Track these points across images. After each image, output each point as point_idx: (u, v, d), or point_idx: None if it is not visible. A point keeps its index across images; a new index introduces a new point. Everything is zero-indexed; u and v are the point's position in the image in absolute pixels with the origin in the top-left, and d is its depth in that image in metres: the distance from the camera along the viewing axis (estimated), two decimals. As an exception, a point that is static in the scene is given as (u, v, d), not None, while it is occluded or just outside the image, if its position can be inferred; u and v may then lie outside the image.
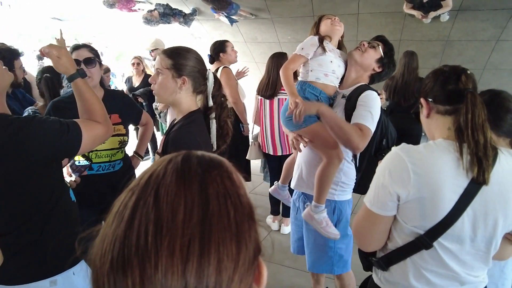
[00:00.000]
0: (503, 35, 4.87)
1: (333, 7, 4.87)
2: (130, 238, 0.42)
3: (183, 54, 1.57)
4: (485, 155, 1.06)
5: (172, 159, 0.51)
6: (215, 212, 0.44)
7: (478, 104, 1.09)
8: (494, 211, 1.10)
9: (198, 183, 0.47)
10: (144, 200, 0.45)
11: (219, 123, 1.68)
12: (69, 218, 1.43)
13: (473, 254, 1.15)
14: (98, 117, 1.42)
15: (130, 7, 5.69)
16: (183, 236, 0.41)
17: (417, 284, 1.19)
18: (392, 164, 1.14)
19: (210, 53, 3.72)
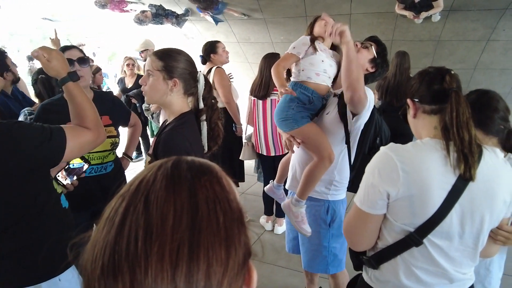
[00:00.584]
0: (493, 35, 4.93)
1: (326, 8, 4.88)
2: (120, 244, 0.42)
3: (174, 56, 1.56)
4: (471, 151, 1.09)
5: (162, 165, 0.51)
6: (204, 217, 0.45)
7: (462, 103, 1.13)
8: (481, 207, 1.13)
9: (188, 188, 0.47)
10: (134, 206, 0.45)
11: (210, 125, 1.68)
12: (58, 225, 1.41)
13: (461, 251, 1.17)
14: (88, 122, 1.38)
15: (122, 8, 5.67)
16: (172, 241, 0.42)
17: (408, 282, 1.20)
18: (381, 163, 1.16)
19: (202, 54, 3.72)
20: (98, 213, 1.77)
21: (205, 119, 1.65)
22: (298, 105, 1.98)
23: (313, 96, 1.99)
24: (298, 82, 2.03)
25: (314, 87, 2.01)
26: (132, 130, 2.59)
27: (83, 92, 1.41)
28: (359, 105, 1.78)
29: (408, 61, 4.48)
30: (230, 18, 6.09)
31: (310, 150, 2.01)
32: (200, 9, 5.40)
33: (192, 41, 7.17)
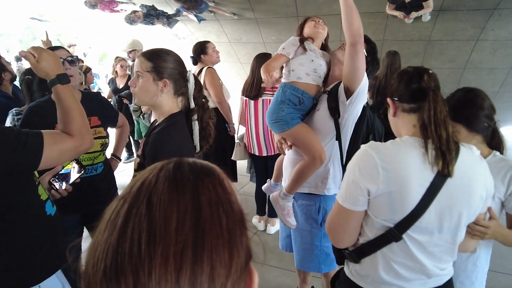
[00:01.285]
0: (482, 35, 4.99)
1: (317, 8, 4.91)
2: (123, 246, 0.42)
3: (163, 57, 1.55)
4: (448, 148, 1.12)
5: (164, 166, 0.51)
6: (207, 219, 0.45)
7: (440, 101, 1.15)
8: (459, 203, 1.16)
9: (191, 190, 0.47)
10: (136, 208, 0.45)
11: (201, 124, 1.67)
12: (38, 233, 1.38)
13: (440, 246, 1.20)
14: (72, 128, 1.32)
15: (112, 8, 5.64)
16: (176, 244, 0.41)
17: (387, 277, 1.23)
18: (361, 160, 1.18)
19: (192, 54, 3.72)
20: (89, 215, 1.78)
21: (196, 118, 1.64)
22: (289, 107, 1.99)
23: (304, 96, 2.00)
24: (288, 83, 2.03)
25: (304, 87, 2.01)
26: (120, 131, 2.56)
27: (71, 96, 1.36)
28: (358, 63, 1.75)
29: (399, 61, 4.53)
30: (222, 18, 6.08)
31: (301, 150, 2.01)
32: (183, 9, 5.41)
33: (184, 41, 7.15)
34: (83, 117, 1.37)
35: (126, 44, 5.00)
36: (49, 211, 1.45)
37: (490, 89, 5.86)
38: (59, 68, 1.35)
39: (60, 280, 1.44)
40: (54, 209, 1.50)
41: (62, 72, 1.34)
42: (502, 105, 6.19)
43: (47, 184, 1.63)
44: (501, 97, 5.98)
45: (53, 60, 1.34)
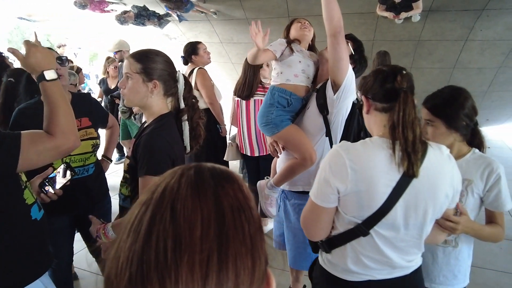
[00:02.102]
0: (471, 35, 5.05)
1: (308, 8, 4.92)
2: (148, 254, 0.42)
3: (152, 58, 1.54)
4: (414, 150, 1.16)
5: (184, 172, 0.50)
6: (231, 226, 0.45)
7: (409, 103, 1.18)
8: (424, 201, 1.21)
9: (213, 196, 0.47)
10: (160, 215, 0.44)
11: (192, 124, 1.67)
12: (22, 238, 1.36)
13: (406, 241, 1.26)
14: (55, 127, 1.28)
15: (102, 8, 5.59)
16: (202, 251, 0.41)
17: (354, 267, 1.29)
18: (332, 160, 1.23)
19: (183, 55, 3.71)
20: (81, 216, 1.76)
21: (186, 119, 1.64)
22: (278, 109, 2.01)
23: (292, 97, 2.02)
24: (275, 86, 2.06)
25: (293, 89, 2.03)
26: (110, 132, 2.55)
27: (58, 94, 1.32)
28: (340, 53, 1.76)
29: (389, 61, 4.57)
30: (213, 18, 6.07)
31: (292, 151, 2.04)
32: (168, 8, 5.41)
33: (175, 42, 7.13)
34: (68, 115, 1.33)
35: (112, 44, 4.94)
36: (34, 215, 1.42)
37: (478, 89, 5.93)
38: (48, 64, 1.31)
39: (44, 284, 1.43)
40: (41, 213, 1.48)
41: (51, 68, 1.30)
42: (490, 104, 6.28)
43: (37, 188, 1.62)
44: (490, 96, 6.06)
45: (42, 55, 1.30)
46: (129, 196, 1.60)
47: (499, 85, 5.79)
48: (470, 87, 5.64)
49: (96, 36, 9.31)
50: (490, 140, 7.03)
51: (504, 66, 5.41)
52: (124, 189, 1.63)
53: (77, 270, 2.93)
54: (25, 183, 1.41)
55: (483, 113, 6.52)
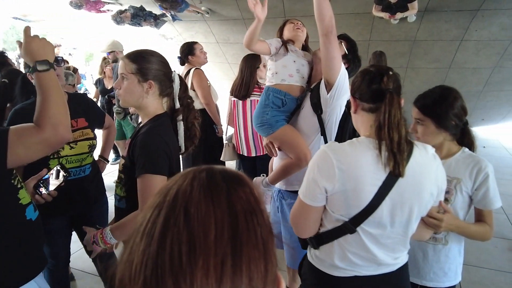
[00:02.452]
0: (466, 35, 5.07)
1: (304, 9, 4.93)
2: (163, 258, 0.42)
3: (147, 58, 1.54)
4: (399, 150, 1.18)
5: (196, 175, 0.51)
6: (244, 230, 0.45)
7: (395, 104, 1.20)
8: (409, 200, 1.24)
9: (226, 200, 0.47)
10: (174, 218, 0.44)
11: (187, 124, 1.67)
12: (16, 238, 1.35)
13: (392, 238, 1.29)
14: (43, 119, 1.23)
15: (98, 8, 5.58)
16: (216, 255, 0.42)
17: (341, 263, 1.32)
18: (320, 160, 1.25)
19: (180, 55, 3.71)
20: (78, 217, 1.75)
21: (181, 119, 1.64)
22: (273, 109, 2.03)
23: (286, 97, 2.03)
24: (270, 87, 2.07)
25: (287, 89, 2.04)
26: (107, 132, 2.54)
27: (51, 85, 1.28)
28: (332, 52, 1.78)
29: (385, 61, 4.60)
30: (209, 18, 6.07)
31: (287, 151, 2.06)
32: (162, 8, 5.40)
33: (171, 42, 7.12)
34: (60, 106, 1.28)
35: (105, 45, 4.91)
36: (29, 215, 1.41)
37: (474, 89, 5.96)
38: (42, 55, 1.28)
39: (39, 284, 1.42)
40: (36, 214, 1.47)
41: (44, 59, 1.27)
42: (486, 104, 6.31)
43: (31, 189, 1.61)
44: (485, 96, 6.09)
45: (37, 46, 1.28)
46: (124, 196, 1.60)
47: (494, 85, 5.83)
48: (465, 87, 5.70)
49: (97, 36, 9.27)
50: (485, 139, 7.08)
51: (499, 66, 5.44)
52: (119, 190, 1.63)
53: (73, 271, 2.92)
54: (20, 183, 1.40)
55: (479, 113, 6.56)
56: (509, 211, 4.12)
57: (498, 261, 3.15)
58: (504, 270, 3.04)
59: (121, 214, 1.63)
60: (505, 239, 3.54)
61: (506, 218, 3.96)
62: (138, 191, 1.45)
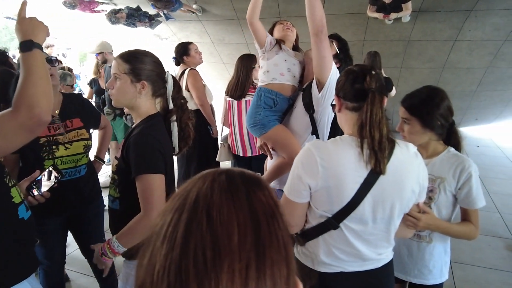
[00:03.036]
0: (460, 35, 5.11)
1: (298, 9, 4.93)
2: (187, 263, 0.41)
3: (140, 58, 1.53)
4: (380, 148, 1.21)
5: (215, 177, 0.50)
6: (266, 234, 0.45)
7: (377, 104, 1.23)
8: (391, 197, 1.27)
9: (247, 203, 0.47)
10: (196, 222, 0.44)
11: (180, 125, 1.66)
12: (8, 237, 1.34)
13: (375, 234, 1.32)
14: (19, 100, 1.15)
15: (92, 8, 5.54)
16: (241, 259, 0.41)
17: (326, 259, 1.34)
18: (304, 158, 1.29)
19: (175, 55, 3.71)
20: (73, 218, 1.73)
21: (175, 119, 1.63)
22: (265, 110, 2.05)
23: (277, 97, 2.05)
24: (262, 87, 2.09)
25: (279, 88, 2.06)
26: (103, 133, 2.52)
27: (33, 64, 1.22)
28: (323, 51, 1.80)
29: (380, 62, 4.61)
30: (204, 18, 6.07)
31: (279, 151, 2.07)
32: (154, 7, 5.37)
33: (166, 42, 7.10)
34: (39, 86, 1.20)
35: (95, 45, 4.85)
36: (22, 214, 1.40)
37: (468, 88, 6.01)
38: (30, 35, 1.24)
39: (32, 285, 1.41)
40: (29, 213, 1.46)
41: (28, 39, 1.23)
42: (479, 104, 6.36)
43: (24, 191, 1.60)
44: (479, 96, 6.14)
45: (26, 26, 1.25)
46: (118, 197, 1.59)
47: (488, 84, 5.87)
48: (459, 87, 5.73)
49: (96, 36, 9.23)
50: (479, 139, 7.13)
51: (492, 66, 5.48)
52: (112, 191, 1.62)
53: (68, 272, 2.90)
54: (12, 181, 1.39)
55: (472, 113, 6.61)
56: (503, 209, 4.16)
57: (492, 260, 3.17)
58: (498, 269, 3.06)
59: (115, 215, 1.62)
60: (499, 237, 3.57)
61: (499, 217, 3.99)
62: (139, 192, 1.44)
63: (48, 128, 1.99)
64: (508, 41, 5.00)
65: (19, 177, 1.69)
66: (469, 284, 2.85)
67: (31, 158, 1.97)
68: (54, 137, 2.00)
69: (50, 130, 1.99)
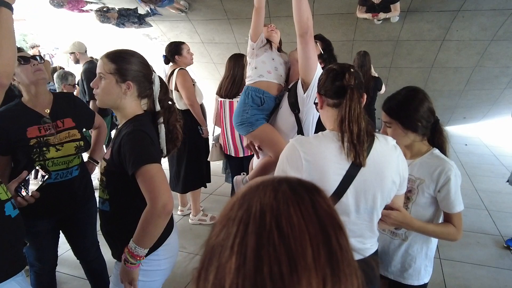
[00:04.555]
0: (448, 35, 5.17)
1: (288, 9, 4.92)
2: (263, 278, 0.40)
3: (127, 58, 1.51)
4: (359, 142, 1.27)
5: (276, 187, 0.49)
6: (336, 246, 0.44)
7: (355, 99, 1.30)
8: (372, 187, 1.32)
9: (314, 214, 0.46)
10: (266, 235, 0.43)
11: (168, 127, 1.64)
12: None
13: (359, 224, 1.37)
14: None
15: (80, 8, 5.48)
16: (317, 274, 0.41)
17: None
18: (288, 153, 1.34)
19: (166, 54, 3.67)
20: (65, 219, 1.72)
21: (162, 121, 1.61)
22: (252, 108, 2.07)
23: (265, 96, 2.07)
24: (249, 86, 2.13)
25: (266, 87, 2.09)
26: (97, 133, 2.47)
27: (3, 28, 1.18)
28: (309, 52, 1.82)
29: (369, 61, 4.66)
30: (194, 18, 6.04)
31: (266, 150, 2.11)
32: (141, 1, 5.29)
33: (155, 42, 7.06)
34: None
35: (68, 45, 4.77)
36: (8, 211, 1.39)
37: (456, 87, 6.08)
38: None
39: (20, 284, 1.39)
40: (16, 212, 1.44)
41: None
42: (467, 103, 6.45)
43: (13, 192, 1.58)
44: (466, 94, 6.22)
45: None
46: (107, 199, 1.57)
47: (475, 84, 5.95)
48: (447, 86, 5.80)
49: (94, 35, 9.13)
50: (467, 137, 7.23)
51: (479, 65, 5.56)
52: (101, 192, 1.60)
53: (59, 275, 2.86)
54: None
55: (460, 111, 6.70)
56: (490, 207, 4.22)
57: (480, 256, 3.22)
58: (486, 265, 3.11)
59: (105, 217, 1.61)
60: (487, 234, 3.62)
61: (487, 214, 4.05)
62: (141, 186, 1.40)
63: (39, 129, 1.96)
64: (494, 41, 5.08)
65: (11, 179, 1.67)
66: (458, 280, 2.90)
67: (22, 160, 1.95)
68: (44, 138, 1.97)
69: (41, 131, 1.96)
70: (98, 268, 2.45)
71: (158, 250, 1.56)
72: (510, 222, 3.80)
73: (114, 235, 1.60)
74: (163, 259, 1.60)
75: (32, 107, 1.99)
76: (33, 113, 1.98)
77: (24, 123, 1.93)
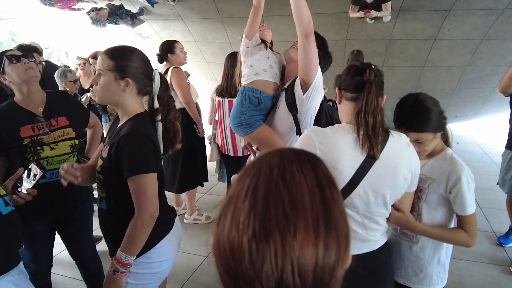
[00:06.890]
0: (440, 34, 5.21)
1: (281, 8, 4.95)
2: (270, 214, 0.49)
3: (126, 55, 1.50)
4: (374, 133, 1.29)
5: (283, 153, 0.58)
6: (329, 197, 0.54)
7: (373, 93, 1.31)
8: (384, 182, 1.34)
9: (312, 171, 0.55)
10: (273, 184, 0.52)
11: (166, 125, 1.61)
12: None
13: (369, 218, 1.39)
14: None
15: (71, 6, 5.42)
16: (312, 213, 0.50)
17: None
18: (304, 142, 1.36)
19: (159, 52, 3.65)
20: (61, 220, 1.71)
21: (160, 119, 1.59)
22: (250, 109, 2.06)
23: (261, 96, 2.06)
24: (246, 86, 2.11)
25: (262, 86, 2.08)
26: (92, 132, 2.43)
27: None
28: (311, 54, 1.82)
29: (362, 60, 4.68)
30: (187, 17, 6.01)
31: (265, 151, 2.07)
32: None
33: (148, 41, 7.01)
34: None
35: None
36: (0, 209, 1.39)
37: (448, 86, 6.14)
38: None
39: (13, 283, 1.38)
40: (8, 209, 1.43)
41: None
42: (459, 101, 6.51)
43: (10, 190, 1.56)
44: (458, 93, 6.28)
45: None
46: (104, 197, 1.56)
47: (467, 82, 6.01)
48: (439, 85, 5.84)
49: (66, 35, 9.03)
50: (459, 135, 7.30)
51: (471, 64, 5.61)
52: (99, 190, 1.59)
53: (54, 276, 2.82)
54: None
55: (452, 110, 6.76)
56: (483, 204, 4.27)
57: (474, 253, 3.26)
58: (480, 261, 3.15)
59: (102, 215, 1.60)
60: (480, 231, 3.66)
61: (480, 211, 4.10)
62: (132, 192, 1.41)
63: (32, 128, 1.93)
64: (486, 40, 5.13)
65: (5, 179, 1.65)
66: (453, 276, 2.92)
67: (16, 160, 1.92)
68: (38, 137, 1.94)
69: (34, 130, 1.94)
70: (94, 270, 2.43)
71: (149, 252, 1.54)
72: (502, 219, 3.84)
73: (112, 233, 1.59)
74: (155, 262, 1.58)
75: (25, 106, 1.96)
76: (26, 113, 1.95)
77: (17, 122, 1.91)
